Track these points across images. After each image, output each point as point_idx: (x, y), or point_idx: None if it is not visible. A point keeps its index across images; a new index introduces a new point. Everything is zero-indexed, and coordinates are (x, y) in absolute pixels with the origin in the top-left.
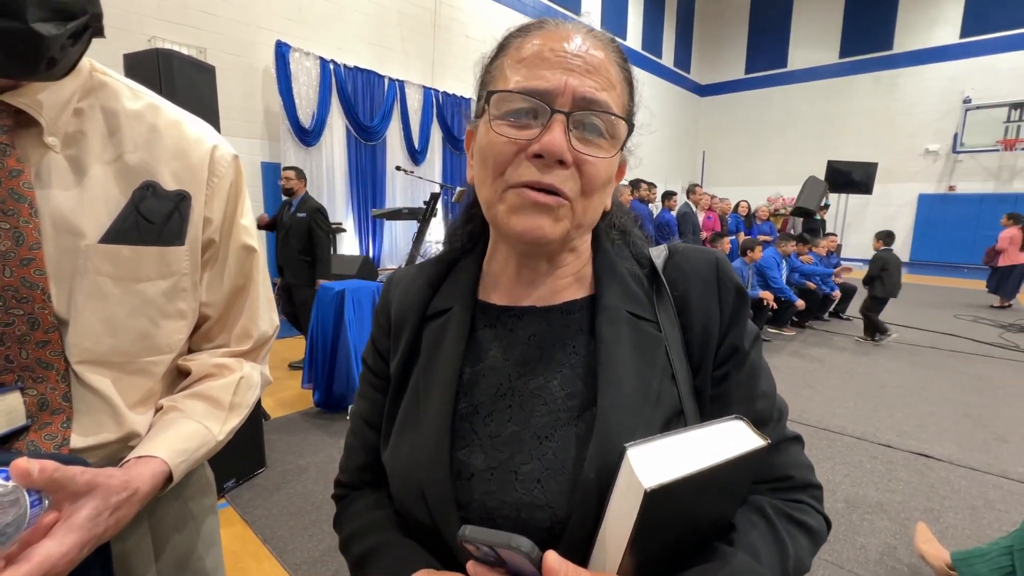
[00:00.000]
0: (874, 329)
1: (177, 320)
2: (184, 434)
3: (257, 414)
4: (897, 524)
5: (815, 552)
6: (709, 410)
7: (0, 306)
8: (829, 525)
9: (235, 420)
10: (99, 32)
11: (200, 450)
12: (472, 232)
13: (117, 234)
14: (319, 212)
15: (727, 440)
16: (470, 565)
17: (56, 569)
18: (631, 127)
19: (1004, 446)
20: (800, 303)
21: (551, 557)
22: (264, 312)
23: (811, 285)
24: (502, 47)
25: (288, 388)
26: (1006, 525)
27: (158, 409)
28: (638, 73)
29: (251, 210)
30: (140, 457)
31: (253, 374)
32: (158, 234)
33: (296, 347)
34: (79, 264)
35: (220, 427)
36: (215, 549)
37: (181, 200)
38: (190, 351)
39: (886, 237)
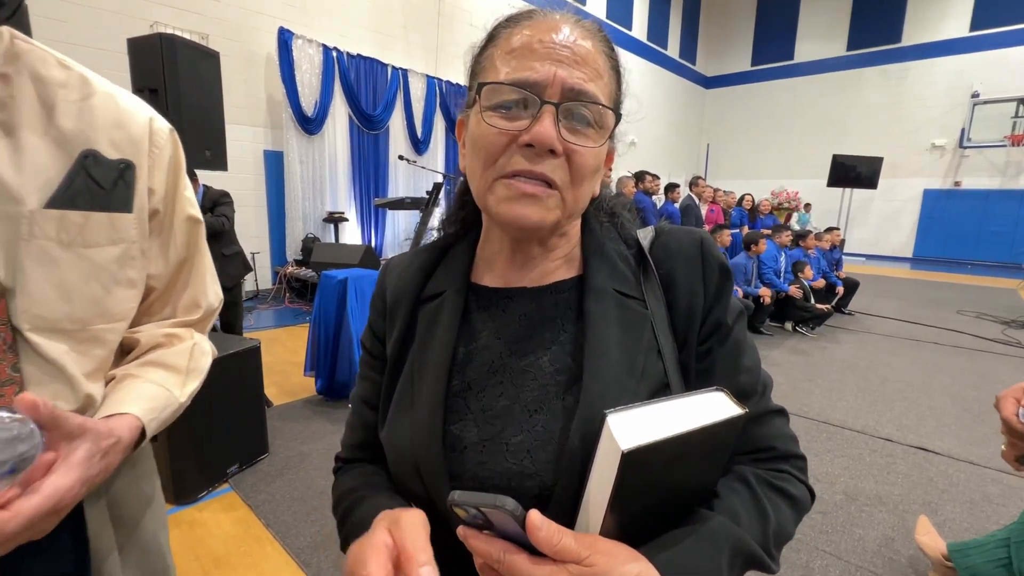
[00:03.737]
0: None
1: (128, 288)
2: (148, 394)
3: (260, 401)
4: (896, 516)
5: (798, 521)
6: (694, 384)
7: None
8: (813, 495)
9: (194, 383)
10: None
11: (166, 410)
12: (465, 219)
13: (64, 199)
14: (224, 195)
15: (707, 409)
16: (460, 529)
17: (64, 502)
18: (618, 116)
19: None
20: (795, 291)
21: (534, 515)
22: (211, 284)
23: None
24: (492, 37)
25: (291, 375)
26: (1004, 519)
27: (108, 381)
28: (643, 64)
29: (189, 184)
30: (110, 416)
31: (203, 342)
32: (107, 200)
33: (300, 336)
34: (22, 230)
35: (180, 390)
36: (165, 532)
37: (125, 168)
38: (132, 326)
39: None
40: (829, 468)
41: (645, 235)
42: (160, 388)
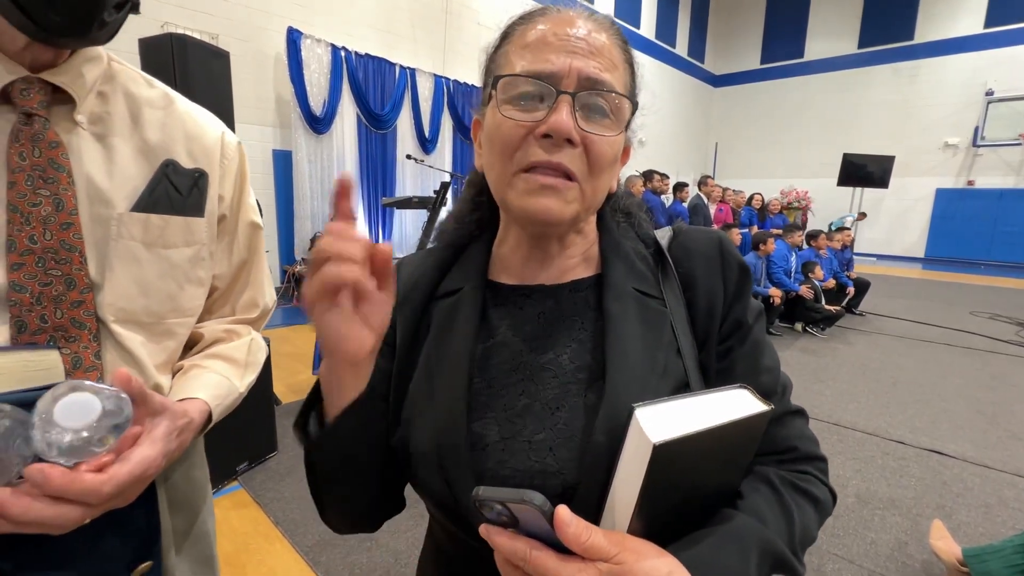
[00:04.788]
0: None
1: (197, 286)
2: (213, 382)
3: (269, 399)
4: (909, 520)
5: (821, 523)
6: (714, 384)
7: (40, 267)
8: (835, 497)
9: (251, 376)
10: (136, 7)
11: (228, 398)
12: (480, 220)
13: (148, 204)
14: None
15: (732, 405)
16: (483, 528)
17: (150, 470)
18: (635, 106)
19: (1019, 444)
20: (806, 291)
21: (562, 511)
22: (267, 285)
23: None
24: (506, 35)
25: (299, 374)
26: (1020, 523)
27: (175, 372)
28: (651, 62)
29: (252, 192)
30: (183, 399)
31: (259, 339)
32: (184, 205)
33: (308, 334)
34: (111, 231)
35: (240, 381)
36: (213, 519)
37: (199, 177)
38: (196, 322)
39: None
40: (841, 471)
41: (663, 235)
42: (223, 378)
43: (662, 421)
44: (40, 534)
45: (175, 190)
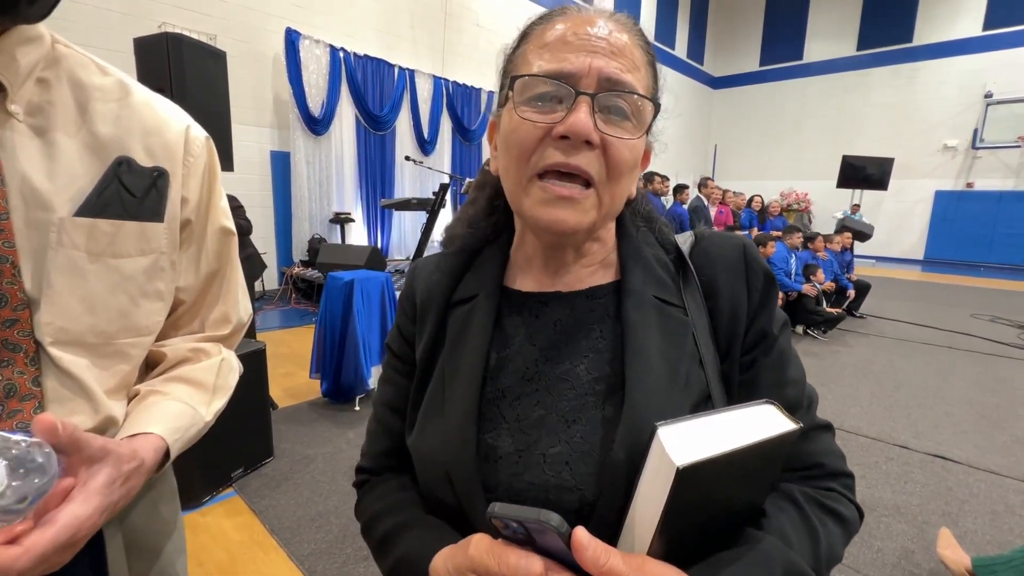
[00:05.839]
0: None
1: (155, 301)
2: (173, 413)
3: (265, 403)
4: (915, 528)
5: (847, 541)
6: (737, 397)
7: None
8: (862, 515)
9: (220, 402)
10: None
11: (191, 429)
12: (496, 223)
13: (94, 207)
14: (233, 199)
15: (758, 423)
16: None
17: (81, 532)
18: (657, 108)
19: None
20: (809, 289)
21: (580, 533)
22: (242, 298)
23: (823, 281)
24: (524, 35)
25: (296, 378)
26: None
27: (132, 397)
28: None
29: (224, 194)
30: (134, 435)
31: (232, 358)
32: (138, 209)
33: (305, 337)
34: (51, 239)
35: (206, 408)
36: (183, 558)
37: (158, 176)
38: (158, 339)
39: None
40: None
41: (684, 240)
42: (185, 406)
43: (686, 441)
44: None
45: (127, 192)
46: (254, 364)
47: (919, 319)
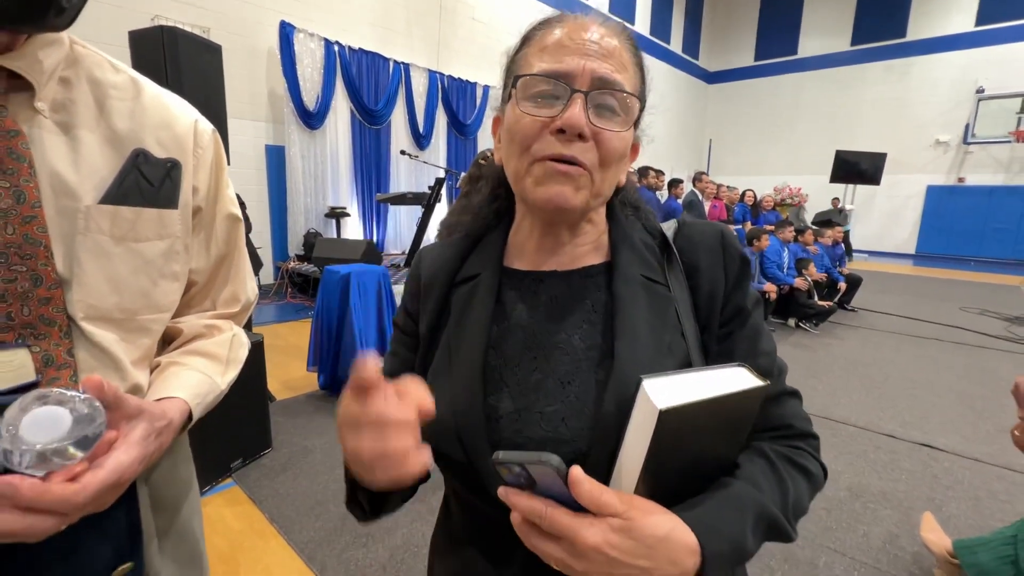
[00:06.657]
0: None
1: (172, 281)
2: (193, 381)
3: (263, 395)
4: (900, 513)
5: (813, 496)
6: (714, 364)
7: (3, 263)
8: (825, 473)
9: (233, 372)
10: None
11: (209, 396)
12: (498, 210)
13: (116, 196)
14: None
15: (732, 380)
16: (501, 490)
17: (125, 476)
18: (643, 104)
19: (1008, 438)
20: (801, 283)
21: (576, 470)
22: (249, 279)
23: (816, 274)
24: (526, 38)
25: (293, 370)
26: (1009, 516)
27: (153, 368)
28: (645, 59)
29: (230, 183)
30: (160, 399)
31: (241, 334)
32: (155, 197)
33: (302, 331)
34: (79, 225)
35: (221, 378)
36: (199, 519)
37: (172, 167)
38: (174, 317)
39: None
40: (833, 465)
41: (668, 227)
42: (203, 375)
43: (668, 391)
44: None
45: (146, 181)
46: (252, 357)
47: (909, 312)
